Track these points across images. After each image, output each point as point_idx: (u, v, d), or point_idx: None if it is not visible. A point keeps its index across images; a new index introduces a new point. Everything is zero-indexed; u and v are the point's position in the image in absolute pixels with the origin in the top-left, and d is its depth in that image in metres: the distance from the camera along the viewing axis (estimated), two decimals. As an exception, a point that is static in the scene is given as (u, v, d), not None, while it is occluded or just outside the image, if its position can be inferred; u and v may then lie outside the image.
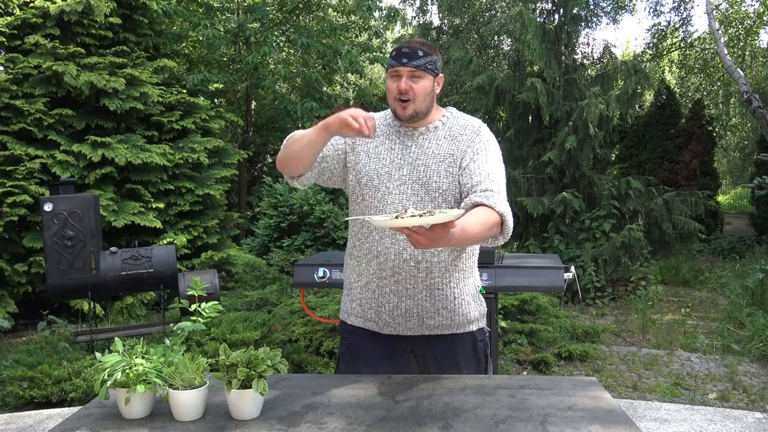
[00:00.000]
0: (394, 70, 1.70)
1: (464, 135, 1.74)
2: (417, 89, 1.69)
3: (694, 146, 11.33)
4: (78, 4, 6.05)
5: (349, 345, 1.87)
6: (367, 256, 1.80)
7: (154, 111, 6.47)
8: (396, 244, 1.73)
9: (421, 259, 1.73)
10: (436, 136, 1.76)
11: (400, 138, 1.77)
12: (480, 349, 1.85)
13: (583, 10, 7.21)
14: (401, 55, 1.69)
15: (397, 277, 1.75)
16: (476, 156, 1.70)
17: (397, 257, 1.73)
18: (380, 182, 1.74)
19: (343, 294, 1.93)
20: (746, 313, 5.35)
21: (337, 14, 10.48)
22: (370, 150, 1.78)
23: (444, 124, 1.78)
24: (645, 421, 3.21)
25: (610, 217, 6.59)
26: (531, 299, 4.76)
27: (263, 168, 11.35)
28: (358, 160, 1.79)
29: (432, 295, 1.77)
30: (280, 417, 1.41)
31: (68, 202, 4.18)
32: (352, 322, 1.87)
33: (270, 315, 4.72)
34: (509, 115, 7.50)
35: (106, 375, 1.38)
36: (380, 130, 1.81)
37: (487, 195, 1.62)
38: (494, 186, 1.65)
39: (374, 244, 1.77)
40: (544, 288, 2.82)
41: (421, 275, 1.74)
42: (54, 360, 3.85)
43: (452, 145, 1.73)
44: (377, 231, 1.76)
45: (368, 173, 1.76)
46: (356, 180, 1.79)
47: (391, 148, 1.77)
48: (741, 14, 12.44)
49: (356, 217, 1.71)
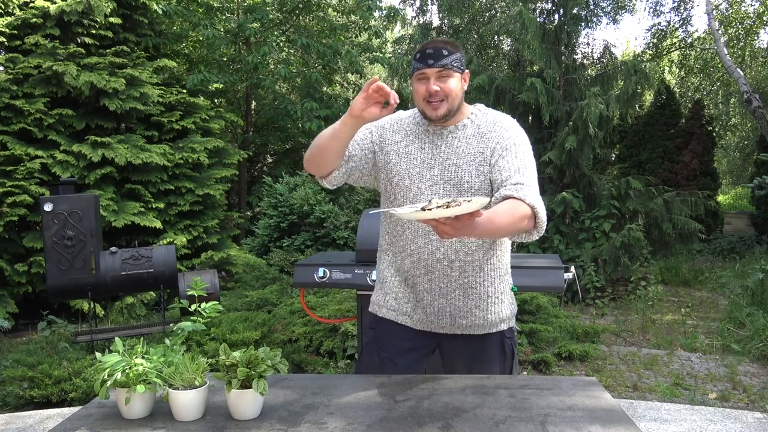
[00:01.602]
0: (421, 73, 1.68)
1: (493, 132, 1.73)
2: (447, 89, 1.67)
3: (694, 146, 11.33)
4: (78, 4, 6.05)
5: (376, 336, 1.87)
6: (401, 254, 1.80)
7: (154, 111, 6.47)
8: (429, 243, 1.73)
9: (454, 258, 1.73)
10: (465, 135, 1.74)
11: (430, 137, 1.76)
12: (507, 347, 1.86)
13: (583, 10, 7.21)
14: (426, 57, 1.66)
15: (431, 276, 1.76)
16: (505, 152, 1.68)
17: (430, 256, 1.74)
18: (412, 182, 1.74)
19: (376, 287, 1.93)
20: (746, 313, 5.35)
21: (337, 14, 10.48)
22: (401, 149, 1.77)
23: (472, 122, 1.76)
24: (645, 421, 3.21)
25: (610, 217, 6.59)
26: (531, 299, 4.76)
27: (263, 168, 11.35)
28: (388, 160, 1.78)
29: (465, 294, 1.77)
30: (280, 417, 1.41)
31: (68, 202, 4.18)
32: (383, 314, 1.87)
33: (270, 315, 4.72)
34: (509, 115, 7.49)
35: (106, 375, 1.38)
36: (409, 129, 1.79)
37: (517, 188, 1.59)
38: (524, 180, 1.63)
39: (407, 243, 1.77)
40: (544, 288, 2.81)
41: (455, 274, 1.75)
42: (54, 360, 3.85)
43: (481, 143, 1.72)
44: (410, 229, 1.76)
45: (399, 173, 1.75)
46: (387, 179, 1.79)
47: (421, 148, 1.75)
48: (741, 14, 12.44)
49: (381, 209, 1.70)
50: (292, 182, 6.97)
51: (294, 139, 10.71)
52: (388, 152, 1.78)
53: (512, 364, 1.87)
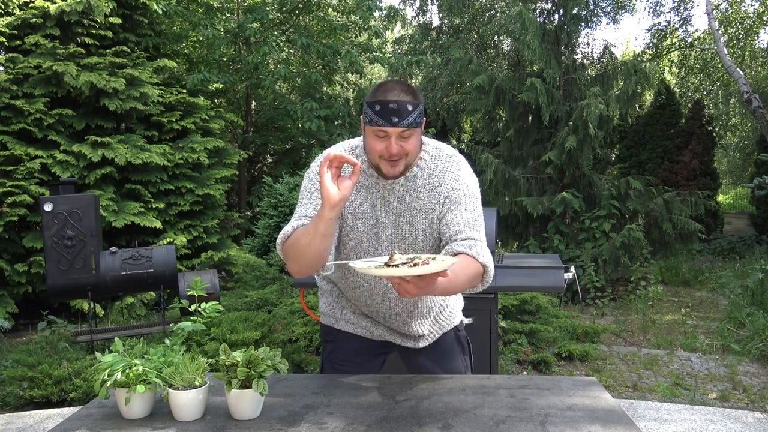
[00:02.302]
0: (381, 130, 1.48)
1: (443, 185, 1.62)
2: (408, 147, 1.51)
3: (694, 146, 11.33)
4: (78, 4, 6.05)
5: (335, 349, 1.85)
6: (356, 302, 1.78)
7: (154, 111, 6.47)
8: (387, 300, 1.71)
9: (412, 309, 1.73)
10: (415, 187, 1.62)
11: (380, 192, 1.62)
12: (463, 339, 1.92)
13: (583, 10, 7.21)
14: (389, 113, 1.46)
15: (390, 323, 1.78)
16: (454, 206, 1.61)
17: (389, 311, 1.74)
18: (369, 245, 1.65)
19: (325, 298, 1.86)
20: (746, 313, 5.35)
21: (337, 14, 10.48)
22: (356, 209, 1.63)
23: (422, 170, 1.63)
24: (645, 421, 3.21)
25: (610, 217, 6.59)
26: (531, 299, 4.76)
27: (263, 168, 11.35)
28: (345, 223, 1.64)
29: (425, 326, 1.80)
30: (280, 417, 1.41)
31: (68, 202, 4.18)
32: (341, 327, 1.84)
33: (270, 315, 4.72)
34: (509, 115, 7.50)
35: (106, 375, 1.38)
36: (360, 182, 1.63)
37: (470, 244, 1.54)
38: (475, 234, 1.58)
39: (363, 297, 1.73)
40: (544, 288, 2.82)
41: (414, 320, 1.77)
42: (54, 360, 3.85)
43: (432, 197, 1.62)
44: (365, 287, 1.71)
45: (357, 235, 1.65)
46: (344, 243, 1.67)
47: (374, 205, 1.63)
48: (741, 14, 12.44)
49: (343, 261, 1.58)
50: (292, 182, 6.97)
51: (294, 139, 10.71)
52: (345, 216, 1.63)
53: (471, 354, 1.93)
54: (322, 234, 1.42)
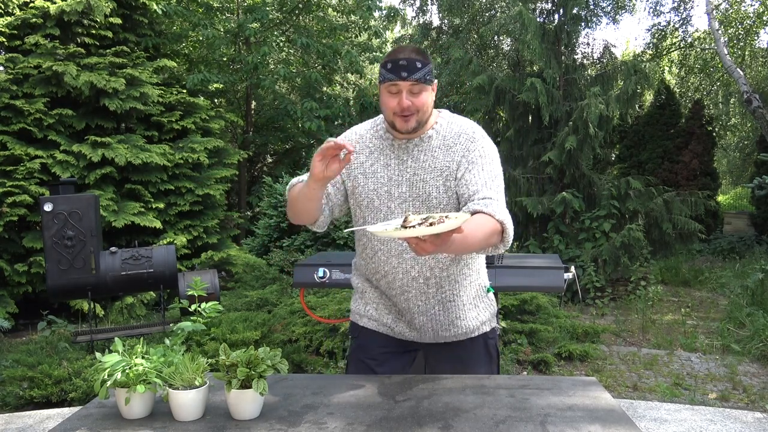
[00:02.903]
0: (393, 84, 1.60)
1: (458, 144, 1.68)
2: (419, 104, 1.61)
3: (694, 146, 11.33)
4: (78, 4, 6.05)
5: (359, 346, 1.87)
6: (375, 275, 1.79)
7: (154, 111, 6.47)
8: (403, 263, 1.71)
9: (429, 275, 1.72)
10: (430, 147, 1.69)
11: (395, 152, 1.70)
12: (491, 347, 1.86)
13: (583, 10, 7.21)
14: (399, 68, 1.58)
15: (407, 295, 1.75)
16: (471, 165, 1.64)
17: (405, 275, 1.72)
18: (381, 203, 1.70)
19: (354, 296, 1.92)
20: (746, 313, 5.35)
21: (337, 14, 10.48)
22: (366, 169, 1.72)
23: (437, 132, 1.70)
24: (645, 421, 3.21)
25: (610, 217, 6.59)
26: (531, 299, 4.76)
27: (263, 168, 11.35)
28: (356, 184, 1.72)
29: (445, 308, 1.77)
30: (280, 417, 1.41)
31: (68, 202, 4.17)
32: (364, 324, 1.86)
33: (270, 315, 4.72)
34: (509, 115, 7.50)
35: (106, 375, 1.38)
36: (373, 146, 1.73)
37: (486, 203, 1.57)
38: (492, 194, 1.60)
39: (381, 264, 1.75)
40: (544, 288, 2.81)
41: (432, 291, 1.74)
42: (54, 360, 3.85)
43: (447, 156, 1.67)
44: (382, 250, 1.73)
45: (368, 194, 1.71)
46: (356, 203, 1.74)
47: (387, 165, 1.70)
48: (741, 14, 12.44)
49: (356, 228, 1.68)
50: (292, 182, 6.97)
51: (294, 139, 10.72)
52: (356, 176, 1.73)
53: (497, 364, 1.88)
54: (307, 197, 1.61)
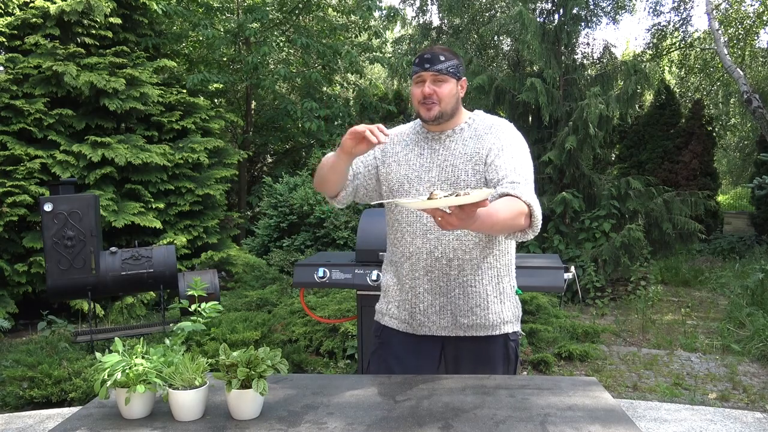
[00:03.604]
0: (418, 76, 1.76)
1: (489, 134, 1.77)
2: (440, 92, 1.74)
3: (694, 146, 11.33)
4: (78, 4, 6.05)
5: (381, 344, 1.91)
6: (400, 259, 1.84)
7: (154, 111, 6.47)
8: (427, 242, 1.77)
9: (452, 257, 1.76)
10: (462, 137, 1.79)
11: (428, 143, 1.82)
12: (511, 350, 1.86)
13: (583, 10, 7.21)
14: (423, 61, 1.74)
15: (431, 276, 1.79)
16: (501, 152, 1.72)
17: (429, 256, 1.77)
18: (411, 186, 1.80)
19: (381, 297, 1.98)
20: (746, 313, 5.35)
21: (337, 14, 10.48)
22: (400, 158, 1.84)
23: (469, 125, 1.81)
24: (645, 421, 3.21)
25: (610, 217, 6.59)
26: (531, 299, 4.76)
27: (263, 168, 11.35)
28: (389, 171, 1.85)
29: (465, 293, 1.79)
30: (280, 417, 1.41)
31: (68, 202, 4.17)
32: (385, 322, 1.91)
33: (270, 315, 4.72)
34: (509, 115, 7.50)
35: (106, 375, 1.38)
36: (409, 138, 1.86)
37: (514, 186, 1.62)
38: (520, 179, 1.66)
39: (406, 246, 1.81)
40: (544, 288, 2.82)
41: (454, 273, 1.77)
42: (54, 360, 3.85)
43: (477, 144, 1.76)
44: (408, 231, 1.80)
45: (399, 179, 1.82)
46: (389, 188, 1.85)
47: (420, 154, 1.82)
48: (741, 14, 12.44)
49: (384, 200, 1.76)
50: (292, 182, 6.97)
51: (294, 139, 10.71)
52: (389, 164, 1.85)
53: (515, 368, 1.87)
54: (332, 167, 1.73)
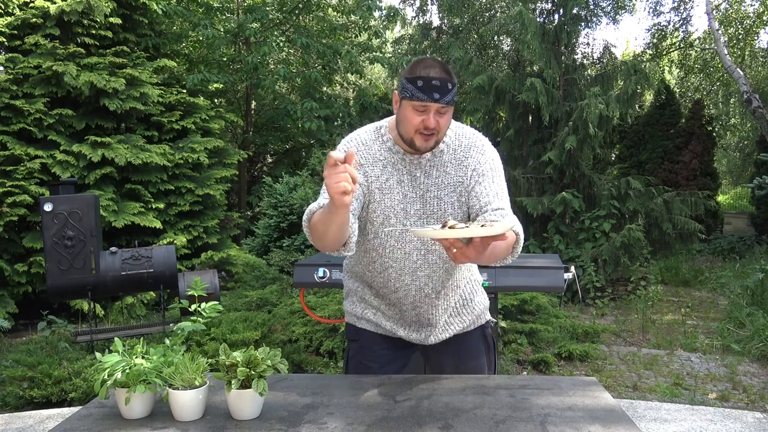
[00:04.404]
0: (422, 105, 1.54)
1: (469, 158, 1.68)
2: (443, 124, 1.59)
3: (694, 146, 11.33)
4: (78, 4, 6.05)
5: (360, 347, 1.87)
6: (383, 289, 1.77)
7: (154, 111, 6.47)
8: (416, 280, 1.71)
9: (440, 288, 1.74)
10: (442, 162, 1.68)
11: (407, 167, 1.67)
12: (488, 336, 1.91)
13: (582, 10, 7.21)
14: (432, 89, 1.53)
15: (419, 311, 1.77)
16: (482, 178, 1.66)
17: (418, 292, 1.73)
18: (397, 221, 1.67)
19: (350, 298, 1.89)
20: (746, 313, 5.35)
21: (337, 14, 10.48)
22: (382, 185, 1.67)
23: (448, 146, 1.68)
24: (645, 421, 3.21)
25: (610, 217, 6.59)
26: (531, 299, 4.75)
27: (263, 168, 11.35)
28: (372, 199, 1.68)
29: (450, 314, 1.81)
30: (280, 417, 1.41)
31: (68, 202, 4.17)
32: (362, 326, 1.87)
33: (270, 315, 4.72)
34: (509, 115, 7.50)
35: (106, 375, 1.38)
36: (385, 159, 1.68)
37: (502, 214, 1.58)
38: (504, 204, 1.63)
39: (391, 281, 1.73)
40: (544, 288, 2.82)
41: (441, 303, 1.77)
42: (54, 360, 3.85)
43: (459, 171, 1.68)
44: (393, 268, 1.71)
45: (383, 211, 1.67)
46: (370, 219, 1.69)
47: (401, 181, 1.67)
48: (741, 14, 12.44)
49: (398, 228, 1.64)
50: (292, 182, 6.97)
51: (294, 139, 10.71)
52: (372, 191, 1.67)
53: (494, 352, 1.93)
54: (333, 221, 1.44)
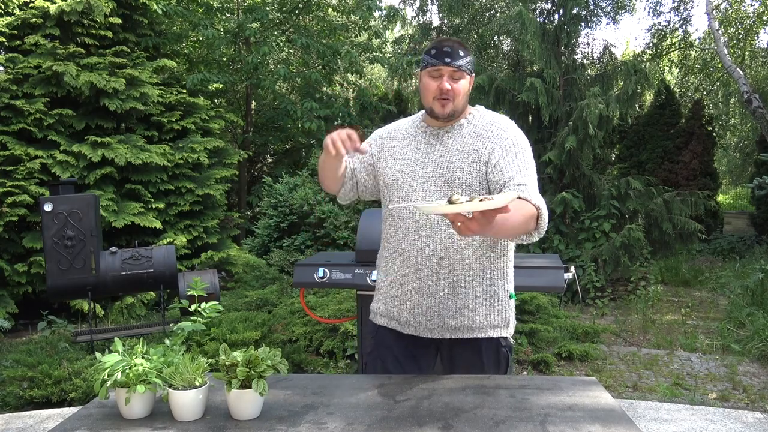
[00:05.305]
0: (436, 69, 1.69)
1: (490, 132, 1.73)
2: (457, 89, 1.70)
3: (694, 146, 11.33)
4: (78, 4, 6.05)
5: (376, 344, 1.88)
6: (392, 255, 1.81)
7: (154, 111, 6.47)
8: (419, 240, 1.74)
9: (443, 255, 1.72)
10: (461, 134, 1.76)
11: (426, 138, 1.79)
12: (503, 355, 1.80)
13: (582, 10, 7.21)
14: (443, 54, 1.67)
15: (419, 274, 1.75)
16: (505, 152, 1.69)
17: (419, 254, 1.74)
18: (404, 180, 1.77)
19: (375, 296, 1.95)
20: (746, 313, 5.35)
21: (336, 14, 10.47)
22: (396, 152, 1.82)
23: (469, 121, 1.77)
24: (645, 421, 3.21)
25: (610, 217, 6.59)
26: (531, 299, 4.76)
27: (263, 168, 11.35)
28: (385, 165, 1.83)
29: (454, 293, 1.73)
30: (280, 417, 1.41)
31: (68, 202, 4.18)
32: (378, 321, 1.89)
33: (270, 315, 4.72)
34: (509, 115, 7.45)
35: (106, 375, 1.38)
36: (407, 132, 1.84)
37: (522, 188, 1.61)
38: (527, 180, 1.64)
39: (399, 242, 1.78)
40: (544, 288, 2.81)
41: (444, 272, 1.73)
42: (54, 360, 3.85)
43: (477, 142, 1.73)
44: (401, 228, 1.77)
45: (393, 174, 1.80)
46: (384, 183, 1.83)
47: (417, 149, 1.79)
48: (741, 14, 12.44)
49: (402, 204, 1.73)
50: (292, 182, 6.98)
51: (294, 139, 10.71)
52: (385, 158, 1.83)
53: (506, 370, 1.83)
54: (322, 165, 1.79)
